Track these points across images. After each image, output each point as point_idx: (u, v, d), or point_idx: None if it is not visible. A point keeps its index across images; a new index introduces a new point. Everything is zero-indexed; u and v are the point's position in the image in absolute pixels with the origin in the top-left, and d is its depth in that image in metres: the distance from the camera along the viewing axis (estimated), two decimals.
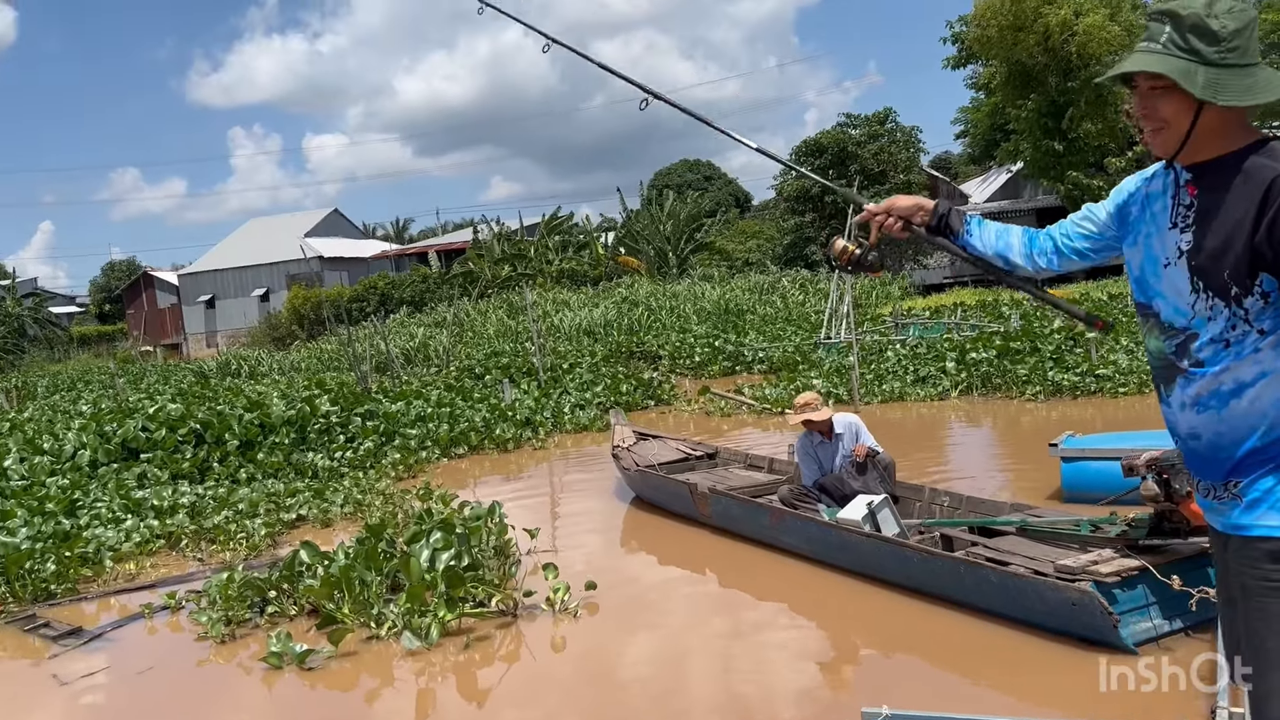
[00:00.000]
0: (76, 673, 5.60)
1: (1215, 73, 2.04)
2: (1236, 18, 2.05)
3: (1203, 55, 2.04)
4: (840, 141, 35.88)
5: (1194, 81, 2.04)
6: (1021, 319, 17.07)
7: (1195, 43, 2.05)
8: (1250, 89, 2.05)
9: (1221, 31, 2.03)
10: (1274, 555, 2.08)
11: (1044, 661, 4.48)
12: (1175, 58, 2.07)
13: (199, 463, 10.72)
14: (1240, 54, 2.04)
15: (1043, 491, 7.27)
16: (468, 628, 5.53)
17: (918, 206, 2.59)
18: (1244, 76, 2.05)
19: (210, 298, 47.57)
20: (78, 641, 6.10)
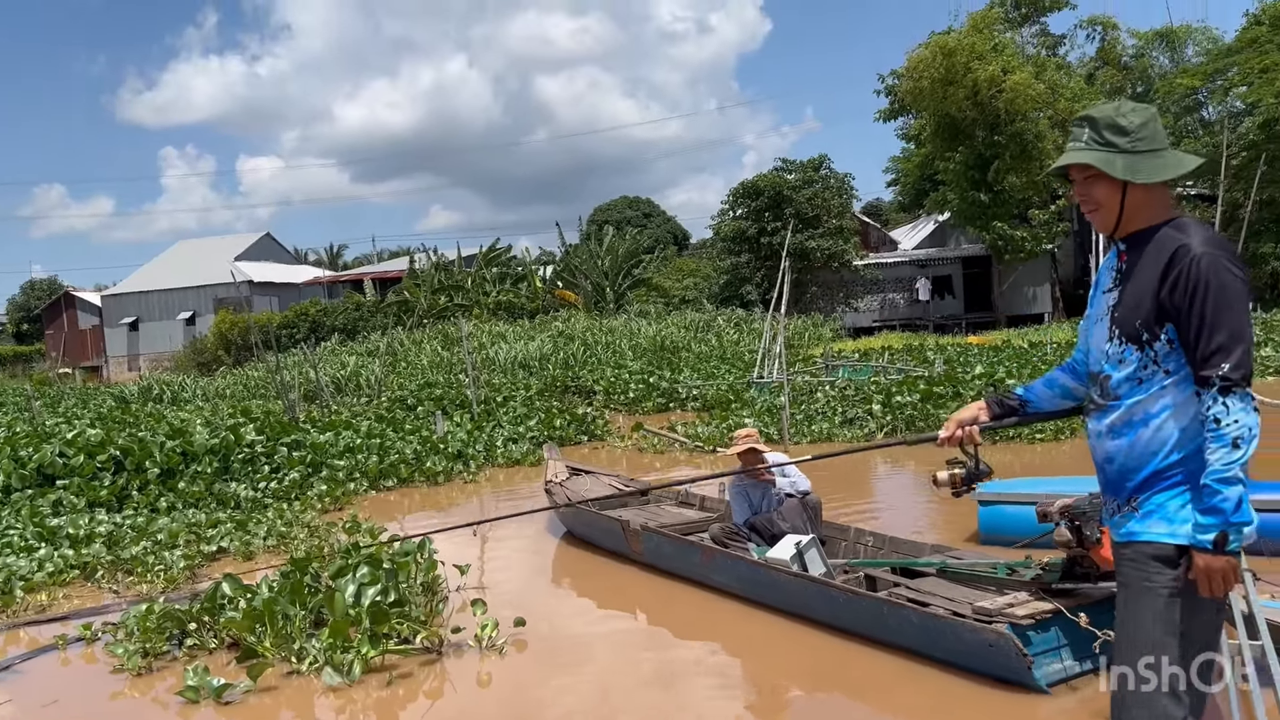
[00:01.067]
0: None
1: (1130, 158, 2.56)
2: (1140, 114, 2.60)
3: (1118, 146, 2.57)
4: (776, 185, 36.51)
5: (1114, 167, 2.56)
6: (945, 364, 17.50)
7: (1110, 137, 2.58)
8: (1161, 167, 2.57)
9: (1129, 126, 2.57)
10: (1157, 558, 2.50)
11: (961, 700, 4.61)
12: (1097, 150, 2.59)
13: (117, 491, 10.44)
14: (1148, 141, 2.57)
15: (961, 533, 7.47)
16: (391, 664, 5.48)
17: (977, 411, 3.05)
18: (1154, 158, 2.57)
19: (134, 320, 46.39)
20: None
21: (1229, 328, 2.38)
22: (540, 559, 8.18)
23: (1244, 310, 2.41)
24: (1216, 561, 2.40)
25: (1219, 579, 2.41)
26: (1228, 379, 2.36)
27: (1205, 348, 2.39)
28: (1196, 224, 2.54)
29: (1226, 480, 2.37)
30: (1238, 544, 2.39)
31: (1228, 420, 2.36)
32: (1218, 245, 2.46)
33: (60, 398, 25.94)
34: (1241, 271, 2.44)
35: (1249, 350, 2.39)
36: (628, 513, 8.02)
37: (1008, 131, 31.84)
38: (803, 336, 28.35)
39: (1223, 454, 2.36)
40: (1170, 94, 34.04)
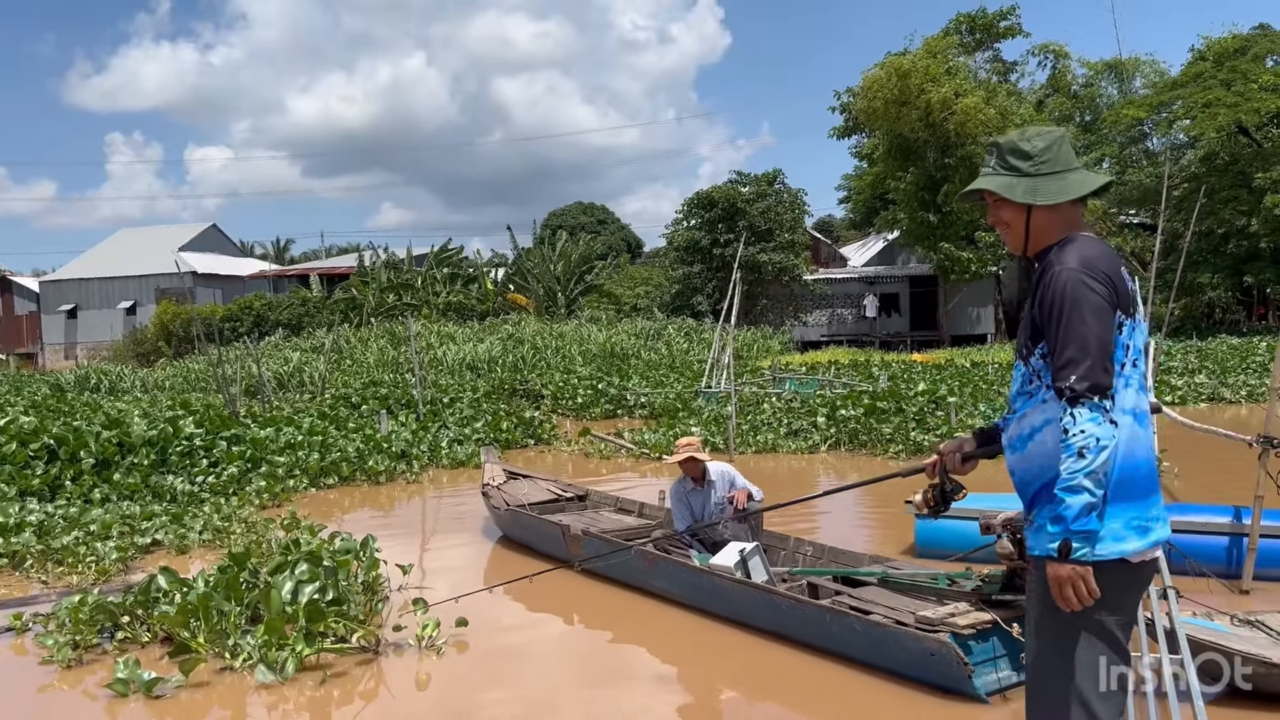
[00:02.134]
0: None
1: (1033, 181, 2.65)
2: (1044, 139, 2.69)
3: (1020, 170, 2.67)
4: (730, 197, 36.77)
5: (1014, 191, 2.66)
6: (889, 380, 17.76)
7: (1014, 161, 2.68)
8: (1063, 189, 2.64)
9: (1032, 150, 2.67)
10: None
11: (901, 708, 4.68)
12: (1000, 176, 2.70)
13: (50, 480, 10.19)
14: (1051, 164, 2.66)
15: (899, 545, 7.59)
16: (327, 663, 5.42)
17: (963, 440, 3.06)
18: (1058, 180, 2.65)
19: (73, 308, 45.29)
20: None
21: (1078, 341, 2.42)
22: (478, 562, 8.12)
23: (1099, 324, 2.44)
24: (1062, 569, 2.44)
25: (1067, 587, 2.44)
26: (1074, 390, 2.40)
27: (1058, 360, 2.47)
28: (1085, 241, 2.58)
29: (1070, 489, 2.40)
30: (1082, 553, 2.41)
31: (1074, 430, 2.40)
32: (1084, 262, 2.50)
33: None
34: (1105, 287, 2.48)
35: (1099, 363, 2.42)
36: (566, 518, 8.01)
37: (958, 154, 32.45)
38: (751, 348, 28.57)
39: (1070, 463, 2.40)
40: (1117, 124, 34.93)
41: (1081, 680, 2.48)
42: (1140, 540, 2.50)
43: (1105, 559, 2.46)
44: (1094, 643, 2.50)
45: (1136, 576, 2.55)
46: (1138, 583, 2.58)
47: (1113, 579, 2.49)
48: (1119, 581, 2.50)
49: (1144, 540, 2.50)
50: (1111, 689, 2.50)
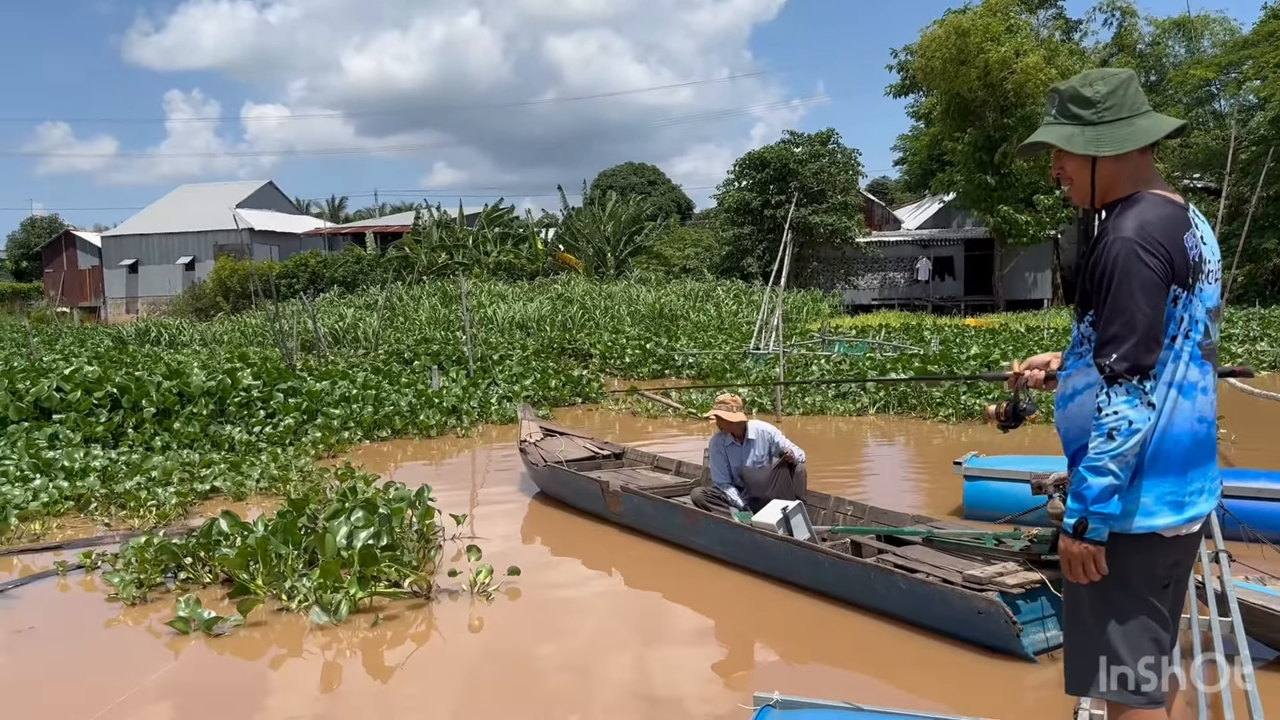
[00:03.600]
0: None
1: (1095, 130, 2.48)
2: (1108, 82, 2.50)
3: (1082, 118, 2.50)
4: (783, 158, 36.34)
5: (1076, 143, 2.50)
6: (941, 344, 17.56)
7: (1075, 109, 2.51)
8: (1127, 138, 2.47)
9: (1094, 96, 2.49)
10: None
11: (946, 665, 4.71)
12: (1061, 125, 2.53)
13: (113, 427, 10.52)
14: (1116, 110, 2.48)
15: (945, 507, 7.56)
16: (379, 606, 5.58)
17: (1051, 357, 2.95)
18: (1123, 127, 2.48)
19: (134, 262, 46.27)
20: None
21: (1124, 318, 2.33)
22: (522, 516, 8.24)
23: (1148, 301, 2.34)
24: (1074, 547, 2.42)
25: (1077, 564, 2.42)
26: (1113, 369, 2.34)
27: (1102, 334, 2.38)
28: (1149, 203, 2.45)
29: (1095, 469, 2.36)
30: (1097, 533, 2.38)
31: (1108, 410, 2.34)
32: (1140, 230, 2.37)
33: (57, 336, 25.96)
34: (1160, 260, 2.35)
35: (1143, 343, 2.33)
36: (605, 475, 8.04)
37: (1017, 115, 31.69)
38: (801, 311, 28.37)
39: (1099, 443, 2.35)
40: (1183, 84, 33.84)
41: (1116, 643, 2.47)
42: (1173, 516, 2.43)
43: (1133, 533, 2.43)
44: (1129, 607, 2.48)
45: (1172, 549, 2.48)
46: (1175, 554, 2.51)
47: (1144, 552, 2.45)
48: (1151, 554, 2.46)
49: (1177, 516, 2.44)
50: (1147, 652, 2.47)
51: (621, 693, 4.64)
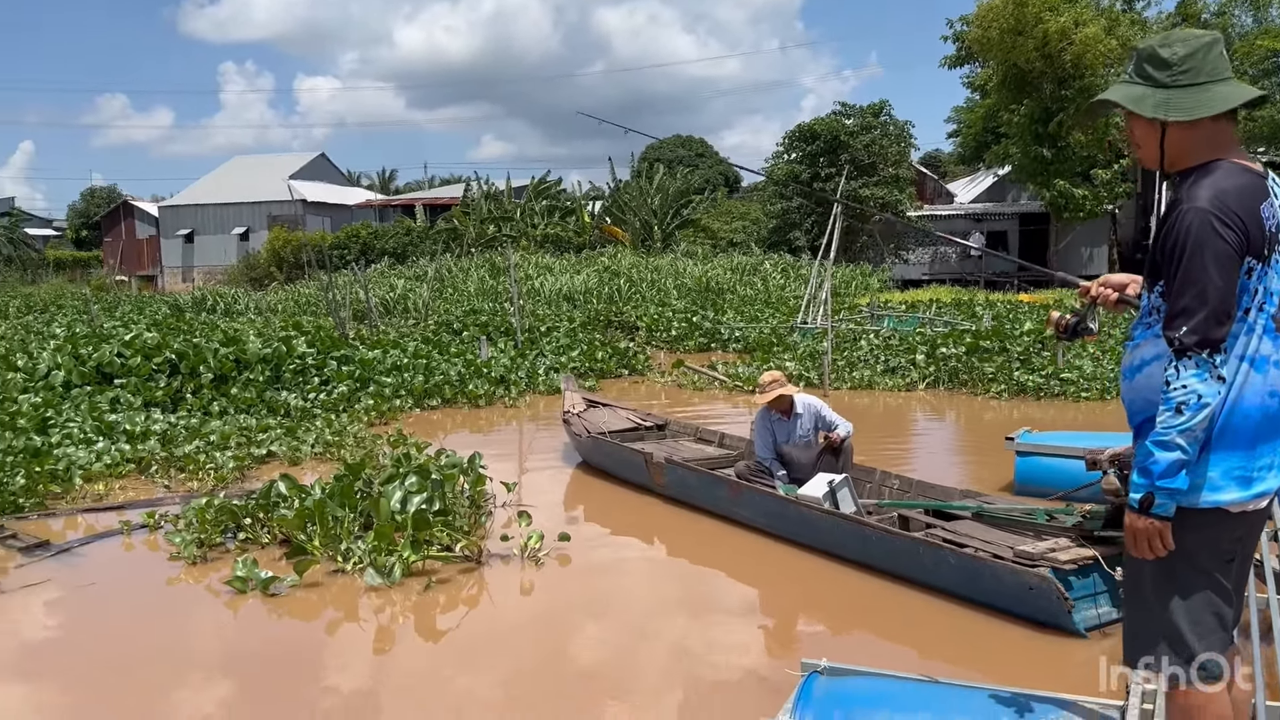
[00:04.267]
0: (21, 581, 5.75)
1: (1167, 94, 2.38)
2: (1187, 44, 2.39)
3: (1157, 80, 2.40)
4: (833, 130, 35.89)
5: (1144, 105, 2.41)
6: (994, 319, 17.33)
7: (1150, 70, 2.41)
8: (1198, 104, 2.37)
9: (1171, 57, 2.38)
10: None
11: (994, 639, 4.70)
12: (1133, 85, 2.44)
13: (172, 392, 10.78)
14: (1193, 74, 2.37)
15: (995, 483, 7.49)
16: (432, 569, 5.69)
17: (1130, 279, 2.82)
18: (1196, 94, 2.37)
19: (190, 232, 47.07)
20: (45, 554, 6.21)
21: (1195, 290, 2.28)
22: (562, 486, 8.29)
23: (1221, 273, 2.28)
24: (1139, 522, 2.38)
25: (1142, 539, 2.39)
26: (1182, 342, 2.29)
27: (1173, 306, 2.33)
28: (1225, 171, 2.36)
29: (1162, 443, 2.32)
30: (1164, 509, 2.34)
31: (1176, 384, 2.30)
32: (1216, 200, 2.30)
33: (117, 303, 26.56)
34: (1235, 231, 2.28)
35: (1214, 317, 2.28)
36: (648, 446, 8.06)
37: (1075, 86, 30.95)
38: (850, 285, 28.13)
39: (1166, 417, 2.31)
40: (1250, 55, 32.79)
41: (1178, 618, 2.44)
42: (1240, 491, 2.39)
43: (1200, 508, 2.39)
44: (1192, 581, 2.45)
45: (1237, 524, 2.44)
46: (1240, 530, 2.47)
47: (1209, 527, 2.41)
48: (1216, 529, 2.43)
49: (1245, 491, 2.39)
50: (1209, 627, 2.45)
51: (667, 660, 4.70)
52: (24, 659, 4.86)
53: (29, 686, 4.54)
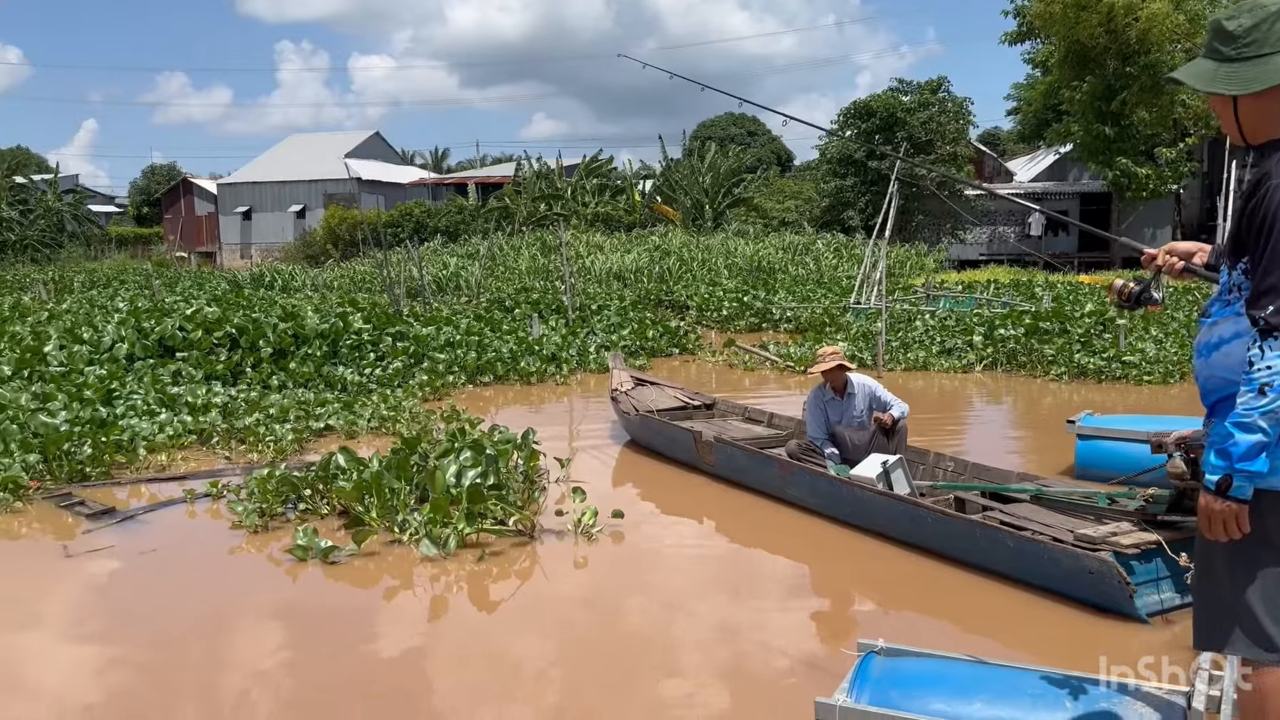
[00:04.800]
0: (87, 546, 5.93)
1: (1232, 67, 2.35)
2: (1254, 15, 2.33)
3: (1223, 54, 2.37)
4: (890, 107, 35.33)
5: (1205, 80, 2.39)
6: (1054, 300, 16.99)
7: (1217, 45, 2.38)
8: (1257, 77, 2.32)
9: (1237, 30, 2.34)
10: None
11: (1053, 624, 4.63)
12: (1202, 61, 2.42)
13: (232, 366, 10.99)
14: (1257, 46, 2.32)
15: (1054, 467, 7.36)
16: (485, 542, 5.75)
17: (1198, 248, 2.76)
18: (1258, 66, 2.33)
19: (248, 209, 47.85)
20: (110, 520, 6.39)
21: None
22: (610, 464, 8.31)
23: None
24: (1215, 504, 2.32)
25: (1218, 522, 2.33)
26: (1267, 322, 2.22)
27: (1258, 285, 2.25)
28: None
29: (1243, 425, 2.26)
30: (1241, 491, 2.28)
31: (1260, 365, 2.24)
32: None
33: (177, 279, 27.11)
34: None
35: None
36: (696, 425, 8.01)
37: (1140, 62, 30.11)
38: (904, 265, 27.74)
39: (1248, 398, 2.25)
40: None
41: (1252, 601, 2.39)
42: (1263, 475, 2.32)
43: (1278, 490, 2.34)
44: (1267, 565, 2.39)
45: None
46: None
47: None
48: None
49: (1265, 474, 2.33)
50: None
51: (718, 639, 4.70)
52: (92, 620, 5.02)
53: (98, 647, 4.68)
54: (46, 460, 7.30)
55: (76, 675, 4.38)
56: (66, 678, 4.34)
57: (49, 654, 4.61)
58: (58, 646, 4.70)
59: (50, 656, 4.58)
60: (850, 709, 2.92)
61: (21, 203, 43.11)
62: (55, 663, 4.51)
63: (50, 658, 4.57)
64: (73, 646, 4.70)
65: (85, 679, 4.35)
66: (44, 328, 12.66)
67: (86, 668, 4.45)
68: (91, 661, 4.52)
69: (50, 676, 4.35)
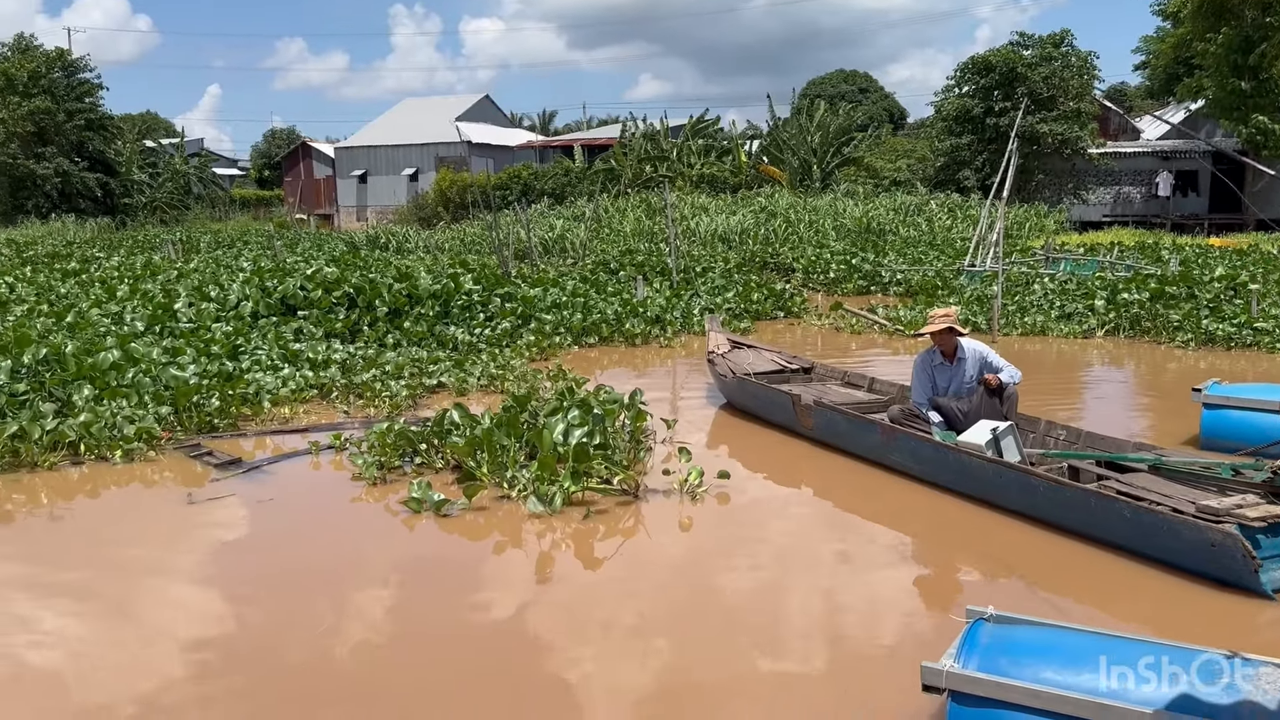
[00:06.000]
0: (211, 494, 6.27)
1: None
2: None
3: None
4: (1010, 61, 33.93)
5: None
6: (1181, 264, 16.21)
7: None
8: None
9: None
10: None
11: (1170, 597, 4.50)
12: None
13: (350, 324, 11.38)
14: None
15: (1177, 437, 7.08)
16: (590, 500, 5.86)
17: None
18: None
19: (363, 173, 49.13)
20: (238, 470, 6.73)
21: None
22: (708, 426, 8.30)
23: None
24: None
25: None
26: None
27: None
28: None
29: None
30: None
31: None
32: None
33: (297, 240, 28.10)
34: None
35: None
36: (795, 388, 7.92)
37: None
38: (1023, 226, 26.80)
39: None
40: None
41: None
42: None
43: None
44: None
45: None
46: None
47: None
48: None
49: None
50: None
51: (821, 600, 4.71)
52: (216, 564, 5.33)
53: (222, 589, 4.98)
54: (177, 412, 7.72)
55: (202, 616, 4.66)
56: (193, 618, 4.63)
57: (176, 595, 4.92)
58: (187, 588, 5.01)
59: (177, 597, 4.89)
60: (958, 674, 2.90)
61: (151, 165, 45.16)
62: (184, 604, 4.80)
63: (177, 599, 4.87)
64: (199, 589, 5.01)
65: (208, 620, 4.63)
66: (174, 286, 13.31)
67: (212, 609, 4.74)
68: (215, 603, 4.81)
69: (178, 616, 4.64)
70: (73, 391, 7.66)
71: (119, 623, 4.53)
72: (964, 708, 2.95)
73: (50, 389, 7.74)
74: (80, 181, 38.84)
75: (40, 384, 7.81)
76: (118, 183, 41.52)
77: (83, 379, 7.89)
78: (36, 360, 8.16)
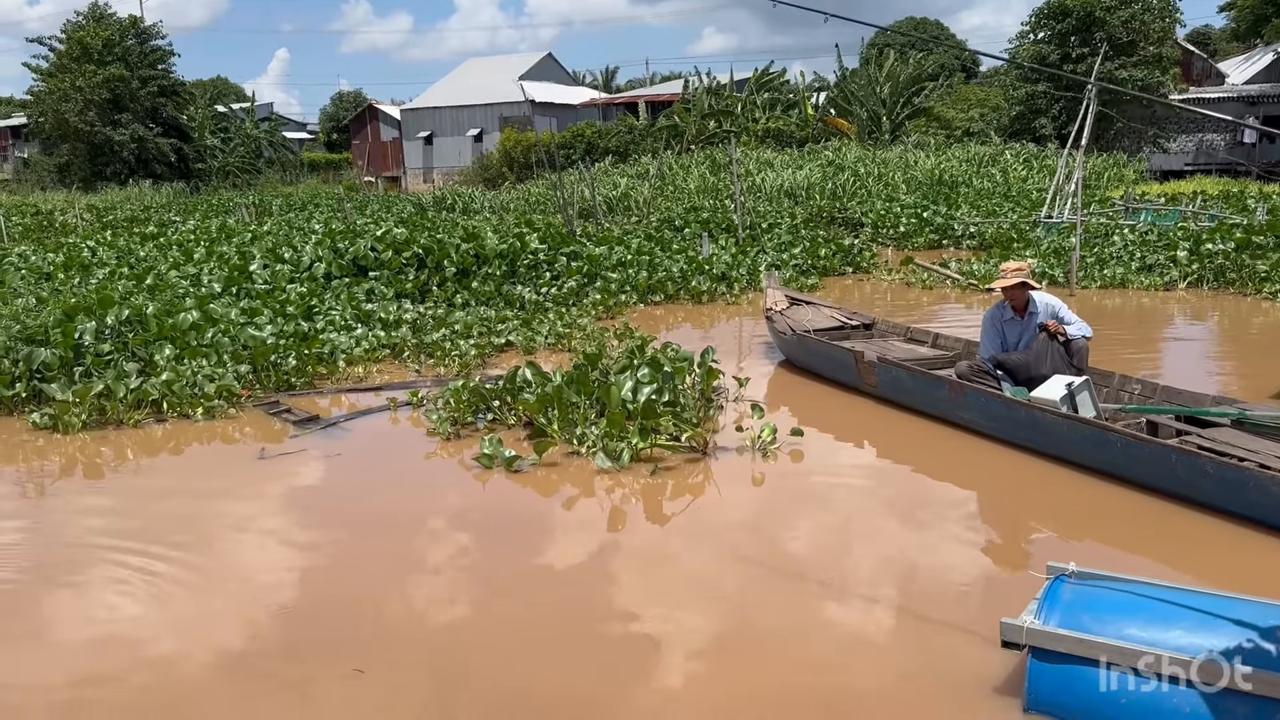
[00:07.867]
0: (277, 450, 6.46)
1: None
2: None
3: None
4: (1088, 5, 32.71)
5: None
6: (1269, 213, 15.57)
7: None
8: None
9: None
10: None
11: (1257, 555, 4.39)
12: None
13: (420, 284, 11.54)
14: None
15: (1263, 392, 6.84)
16: (658, 457, 5.89)
17: None
18: None
19: (429, 134, 49.44)
20: (316, 427, 6.89)
21: None
22: (767, 383, 8.20)
23: None
24: None
25: None
26: None
27: None
28: None
29: None
30: None
31: None
32: None
33: (366, 202, 28.48)
34: None
35: None
36: (857, 345, 7.77)
37: None
38: (1101, 176, 25.96)
39: None
40: None
41: None
42: None
43: None
44: None
45: None
46: None
47: None
48: None
49: None
50: None
51: (896, 556, 4.68)
52: (298, 514, 5.49)
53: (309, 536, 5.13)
54: (255, 370, 7.93)
55: (287, 566, 4.81)
56: (278, 564, 4.78)
57: (263, 545, 5.08)
58: (271, 539, 5.17)
59: (265, 547, 5.05)
60: (1038, 630, 2.87)
61: (223, 130, 46.00)
62: (269, 552, 4.96)
63: (265, 548, 5.03)
64: (283, 539, 5.16)
65: (292, 569, 4.78)
66: (248, 248, 13.61)
67: (296, 560, 4.90)
68: (300, 553, 4.96)
69: (261, 562, 4.79)
70: (154, 351, 7.91)
71: (209, 577, 4.68)
72: (1045, 664, 2.91)
73: (133, 349, 7.99)
74: (155, 147, 39.81)
75: (124, 344, 8.06)
76: (191, 148, 42.45)
77: (164, 339, 8.14)
78: (119, 321, 8.41)
